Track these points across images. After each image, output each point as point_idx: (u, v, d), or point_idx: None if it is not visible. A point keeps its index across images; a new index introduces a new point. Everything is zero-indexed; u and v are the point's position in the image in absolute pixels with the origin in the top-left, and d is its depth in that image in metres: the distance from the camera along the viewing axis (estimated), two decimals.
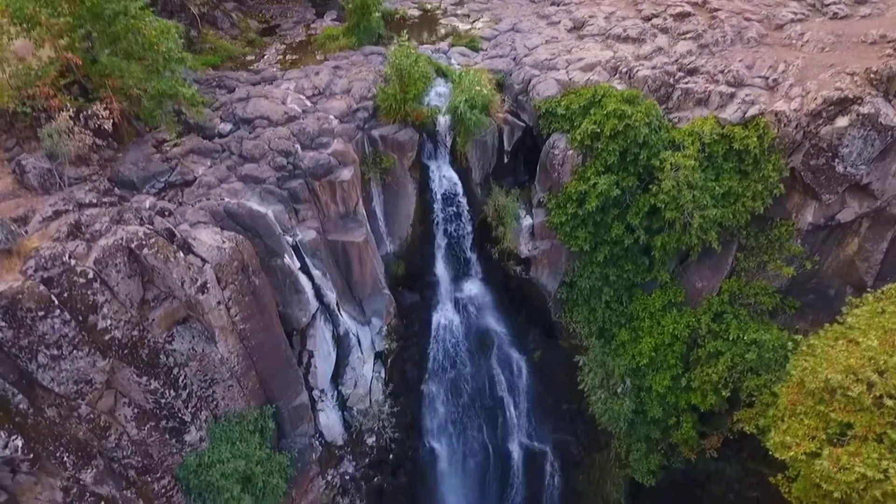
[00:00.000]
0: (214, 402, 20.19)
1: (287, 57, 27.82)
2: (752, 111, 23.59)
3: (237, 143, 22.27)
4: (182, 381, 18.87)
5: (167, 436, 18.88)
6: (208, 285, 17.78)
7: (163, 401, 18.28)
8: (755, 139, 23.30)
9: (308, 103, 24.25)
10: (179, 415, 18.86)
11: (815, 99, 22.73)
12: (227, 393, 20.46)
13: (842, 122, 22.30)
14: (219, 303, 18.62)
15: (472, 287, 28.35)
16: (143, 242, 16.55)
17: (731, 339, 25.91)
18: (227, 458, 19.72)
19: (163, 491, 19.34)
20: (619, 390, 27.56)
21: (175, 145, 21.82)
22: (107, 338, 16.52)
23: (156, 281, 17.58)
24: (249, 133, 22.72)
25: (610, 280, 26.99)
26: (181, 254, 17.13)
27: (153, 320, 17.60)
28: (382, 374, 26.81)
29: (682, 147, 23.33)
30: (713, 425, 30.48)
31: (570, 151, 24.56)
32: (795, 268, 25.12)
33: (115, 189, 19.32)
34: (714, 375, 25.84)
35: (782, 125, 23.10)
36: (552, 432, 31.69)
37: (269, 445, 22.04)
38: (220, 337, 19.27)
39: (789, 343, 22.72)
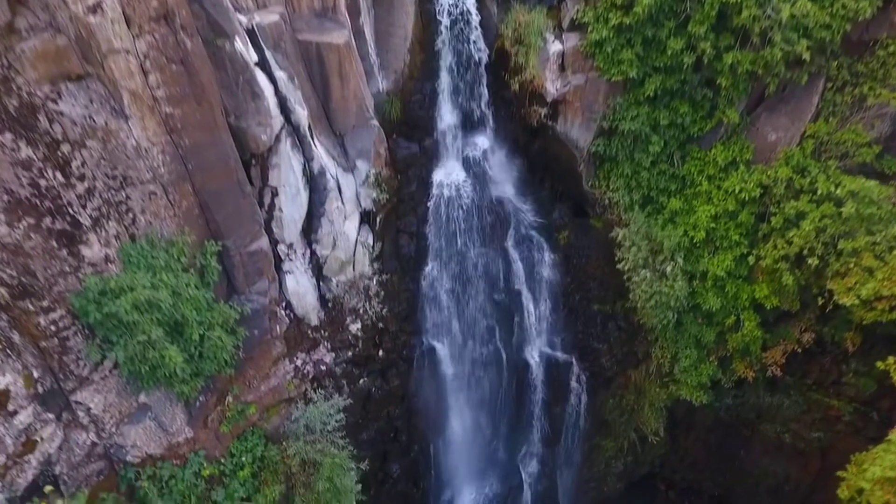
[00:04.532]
0: (130, 215, 14.74)
1: None
2: None
3: None
4: (77, 167, 13.45)
5: (55, 243, 13.43)
6: (104, 6, 12.33)
7: (43, 183, 12.84)
8: None
9: None
10: (71, 212, 13.45)
11: None
12: (150, 205, 15.00)
13: None
14: (127, 52, 13.19)
15: (486, 141, 22.75)
16: None
17: (818, 195, 20.20)
18: (145, 285, 14.26)
19: (53, 328, 13.90)
20: (668, 270, 21.87)
21: None
22: None
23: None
24: None
25: (660, 127, 21.28)
26: None
27: (23, 54, 12.16)
28: (370, 242, 21.25)
29: None
30: (778, 334, 24.82)
31: None
32: None
33: None
34: (796, 240, 20.04)
35: None
36: (579, 339, 26.00)
37: (213, 294, 16.63)
38: (134, 111, 13.82)
39: None
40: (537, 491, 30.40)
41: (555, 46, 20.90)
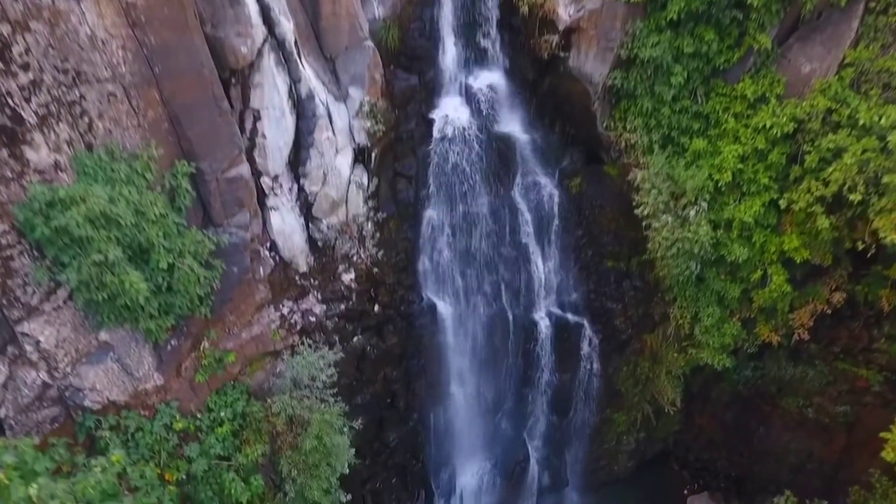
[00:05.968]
0: (86, 119, 12.83)
1: None
2: None
3: None
4: (20, 53, 11.54)
5: None
6: None
7: None
8: None
9: None
10: (12, 104, 11.54)
11: None
12: (109, 109, 13.10)
13: None
14: None
15: (492, 76, 20.84)
16: None
17: (859, 127, 18.30)
18: (101, 197, 12.35)
19: None
20: (691, 214, 19.97)
21: None
22: None
23: None
24: None
25: (683, 56, 19.31)
26: None
27: None
28: (364, 182, 19.35)
29: None
30: (806, 294, 22.94)
31: None
32: None
33: None
34: (836, 175, 18.10)
35: None
36: (591, 298, 24.07)
37: (185, 221, 14.74)
38: None
39: None
40: (544, 468, 28.54)
41: None
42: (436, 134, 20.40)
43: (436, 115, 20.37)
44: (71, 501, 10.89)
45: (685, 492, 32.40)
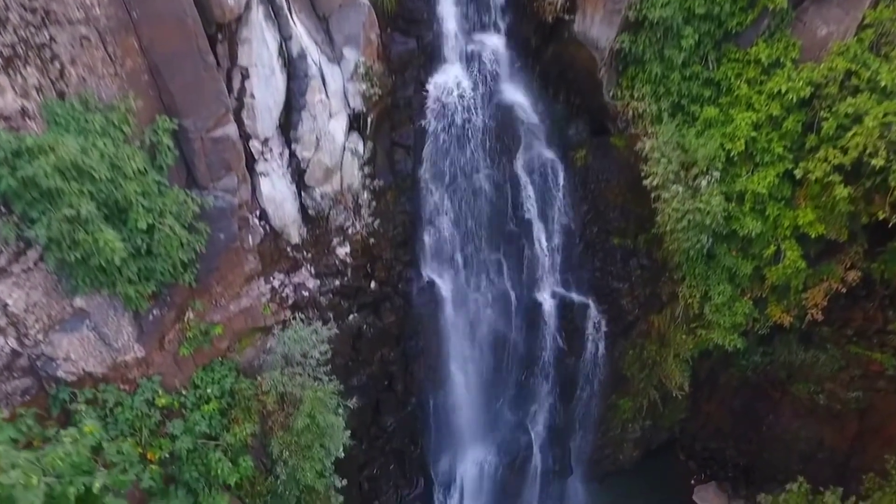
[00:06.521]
0: (56, 65, 11.88)
1: None
2: None
3: None
4: None
5: None
6: None
7: None
8: None
9: None
10: None
11: None
12: (82, 54, 12.13)
13: None
14: None
15: (494, 42, 19.87)
16: None
17: (880, 90, 17.41)
18: (73, 147, 11.40)
19: None
20: (703, 184, 19.05)
21: None
22: None
23: None
24: None
25: (694, 17, 18.44)
26: None
27: None
28: (360, 150, 18.41)
29: None
30: (820, 273, 22.06)
31: None
32: None
33: None
34: (857, 140, 17.19)
35: None
36: (597, 277, 23.14)
37: (167, 181, 13.80)
38: None
39: None
40: (547, 456, 27.62)
41: None
42: (434, 102, 19.41)
43: (434, 81, 19.38)
44: (37, 473, 9.95)
45: (692, 482, 31.49)
